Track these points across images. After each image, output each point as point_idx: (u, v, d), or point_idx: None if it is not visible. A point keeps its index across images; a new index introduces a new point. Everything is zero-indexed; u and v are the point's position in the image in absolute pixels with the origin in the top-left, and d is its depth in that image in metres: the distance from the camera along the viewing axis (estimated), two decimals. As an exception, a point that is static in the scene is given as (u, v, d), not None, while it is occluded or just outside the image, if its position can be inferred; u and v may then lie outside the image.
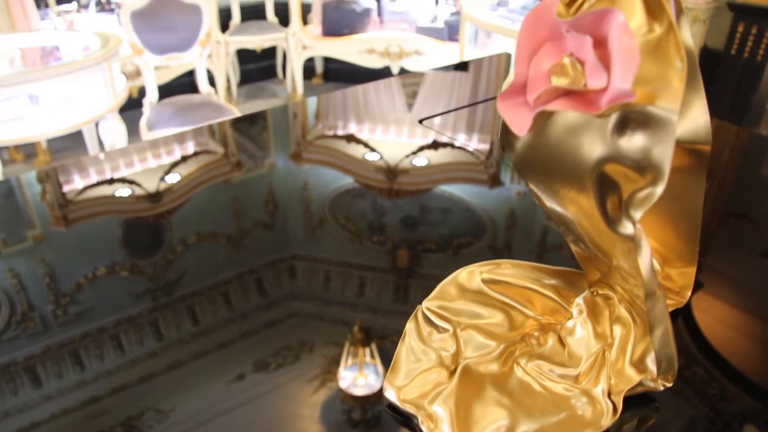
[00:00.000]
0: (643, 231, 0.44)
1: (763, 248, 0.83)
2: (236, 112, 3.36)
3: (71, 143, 4.06)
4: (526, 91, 0.39)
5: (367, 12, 4.58)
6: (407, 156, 1.11)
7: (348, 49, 4.56)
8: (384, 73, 4.60)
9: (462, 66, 1.66)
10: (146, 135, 3.19)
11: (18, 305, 0.71)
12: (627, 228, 0.44)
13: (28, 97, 2.87)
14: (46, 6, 4.93)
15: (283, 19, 4.86)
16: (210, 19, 3.48)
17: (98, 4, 4.87)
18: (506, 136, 0.53)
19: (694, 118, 0.47)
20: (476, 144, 1.18)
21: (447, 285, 0.65)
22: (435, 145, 1.16)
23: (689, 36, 0.43)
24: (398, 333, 0.61)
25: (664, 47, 0.39)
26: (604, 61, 0.36)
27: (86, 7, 4.81)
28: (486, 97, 1.41)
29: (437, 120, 1.28)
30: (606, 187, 0.46)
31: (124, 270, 0.78)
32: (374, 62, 4.55)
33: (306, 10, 4.91)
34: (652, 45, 0.40)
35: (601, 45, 0.36)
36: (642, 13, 0.39)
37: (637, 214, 0.43)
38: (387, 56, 4.49)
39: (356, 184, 1.03)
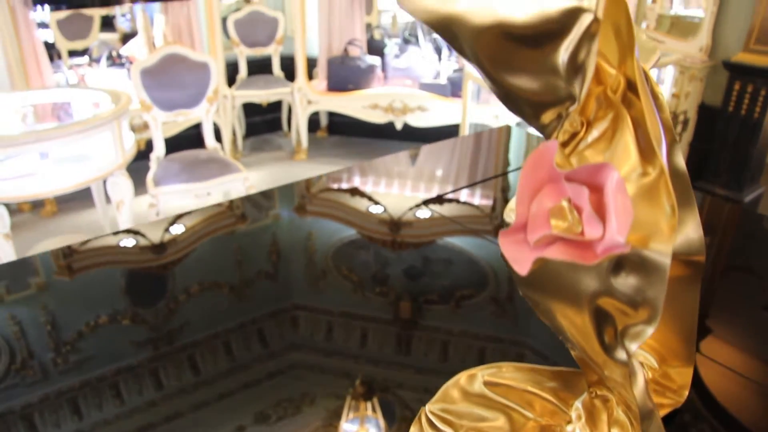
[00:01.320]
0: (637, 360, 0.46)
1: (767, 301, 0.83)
2: (242, 168, 3.39)
3: (78, 194, 4.09)
4: (527, 231, 0.41)
5: (371, 68, 4.68)
6: (411, 209, 1.12)
7: (352, 105, 4.64)
8: (388, 128, 4.67)
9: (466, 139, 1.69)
10: (153, 190, 3.22)
11: (18, 353, 0.70)
12: (622, 355, 0.46)
13: (38, 154, 2.92)
14: (59, 58, 5.05)
15: (289, 73, 4.96)
16: (218, 77, 3.55)
17: (109, 57, 4.99)
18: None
19: (688, 234, 0.50)
20: (479, 199, 1.19)
21: (449, 388, 0.65)
22: (440, 199, 1.17)
23: (682, 160, 0.46)
24: (400, 386, 0.60)
25: (656, 192, 0.41)
26: (600, 210, 0.38)
27: (98, 61, 4.93)
28: (486, 166, 1.43)
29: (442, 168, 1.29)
30: (602, 318, 0.47)
31: (126, 319, 0.78)
32: (378, 117, 4.61)
33: (312, 64, 5.02)
34: (645, 190, 0.42)
35: (597, 192, 0.38)
36: (636, 155, 0.42)
37: (632, 347, 0.45)
38: (391, 112, 4.56)
39: (360, 236, 1.03)
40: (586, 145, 0.48)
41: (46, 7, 4.78)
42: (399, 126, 4.60)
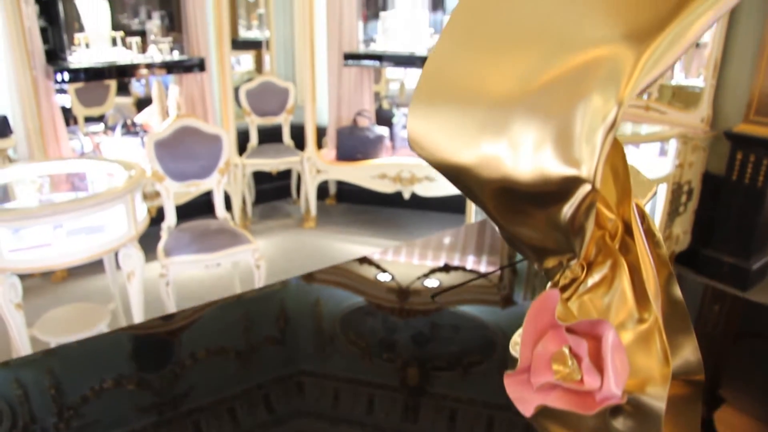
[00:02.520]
0: None
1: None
2: (251, 239, 3.45)
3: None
4: (531, 374, 0.44)
5: (380, 138, 4.78)
6: (419, 278, 1.15)
7: (361, 174, 4.73)
8: (396, 196, 4.74)
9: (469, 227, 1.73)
10: (163, 260, 3.27)
11: (20, 417, 0.72)
12: None
13: (52, 225, 2.98)
14: (75, 123, 5.18)
15: (299, 141, 5.07)
16: (229, 148, 3.64)
17: (124, 125, 5.11)
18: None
19: (686, 358, 0.52)
20: (486, 267, 1.22)
21: None
22: (446, 269, 1.21)
23: (678, 291, 0.48)
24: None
25: (651, 340, 0.44)
26: (599, 361, 0.41)
27: (113, 128, 5.04)
28: (490, 254, 1.46)
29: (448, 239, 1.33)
30: None
31: (131, 384, 0.79)
32: (386, 187, 4.69)
33: (321, 133, 5.12)
34: (641, 337, 0.45)
35: (596, 342, 0.42)
36: (633, 302, 0.45)
37: None
38: (399, 181, 4.64)
39: (368, 303, 1.06)
40: (585, 289, 0.50)
41: (66, 75, 4.92)
42: (407, 195, 4.67)
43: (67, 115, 5.00)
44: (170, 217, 3.54)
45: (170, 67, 4.67)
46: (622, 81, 0.43)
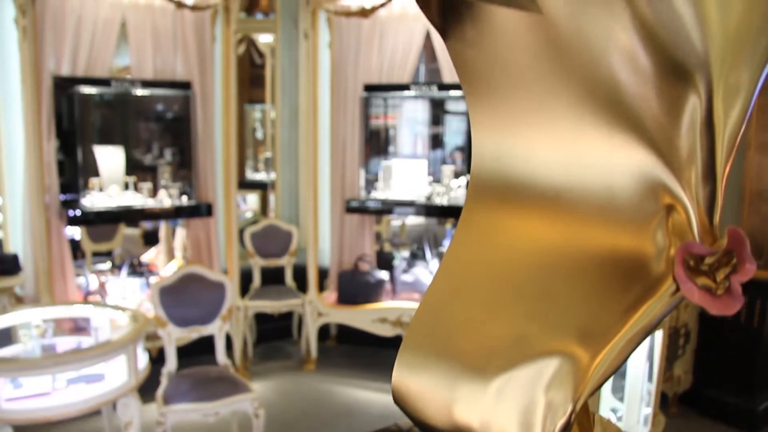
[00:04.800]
0: None
1: None
2: (251, 388, 3.44)
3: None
4: None
5: (380, 283, 4.87)
6: None
7: (361, 318, 4.78)
8: (397, 339, 4.75)
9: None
10: (162, 408, 3.25)
11: None
12: None
13: (52, 375, 3.00)
14: (83, 257, 5.28)
15: (302, 282, 5.15)
16: (232, 295, 3.72)
17: (131, 266, 5.21)
18: None
19: None
20: None
21: None
22: None
23: None
24: None
25: None
26: None
27: (120, 267, 5.14)
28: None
29: None
30: None
31: None
32: (386, 331, 4.73)
33: (323, 275, 5.21)
34: None
35: None
36: None
37: None
38: (399, 326, 4.68)
39: None
40: None
41: (78, 217, 5.09)
42: (407, 339, 4.68)
43: (75, 247, 5.13)
44: (171, 362, 3.56)
45: (179, 212, 4.84)
46: (577, 382, 0.51)
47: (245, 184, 6.74)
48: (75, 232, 5.23)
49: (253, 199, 7.13)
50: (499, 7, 0.58)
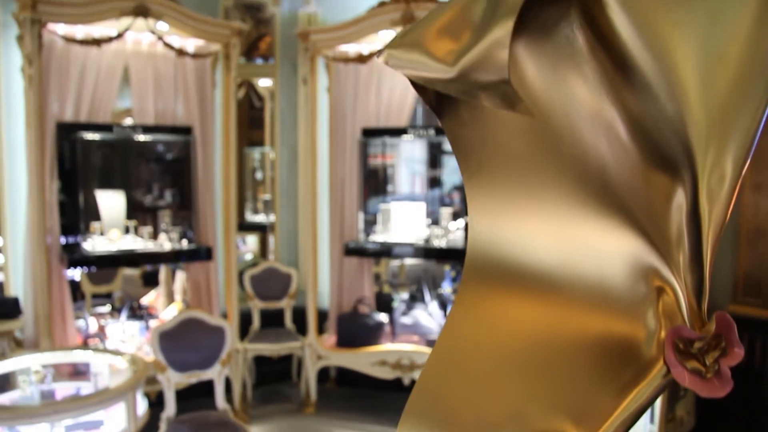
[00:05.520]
0: None
1: None
2: (250, 434, 3.42)
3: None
4: None
5: (380, 325, 4.88)
6: None
7: (361, 361, 4.78)
8: (395, 384, 4.74)
9: None
10: (160, 457, 3.23)
11: None
12: None
13: (50, 423, 2.98)
14: (83, 298, 5.26)
15: (301, 323, 5.14)
16: (232, 339, 3.72)
17: (130, 308, 5.20)
18: None
19: None
20: None
21: None
22: None
23: None
24: None
25: None
26: None
27: (120, 310, 5.13)
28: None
29: None
30: None
31: None
32: (386, 374, 4.72)
33: (323, 317, 5.19)
34: None
35: None
36: None
37: None
38: (398, 369, 4.67)
39: None
40: None
41: (79, 261, 5.10)
42: (407, 382, 4.68)
43: (75, 288, 5.12)
44: (170, 407, 3.54)
45: (179, 256, 4.85)
46: None
47: (245, 226, 6.77)
48: (75, 273, 5.23)
49: (252, 240, 7.15)
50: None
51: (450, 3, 0.59)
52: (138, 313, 5.22)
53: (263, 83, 6.60)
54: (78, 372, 4.09)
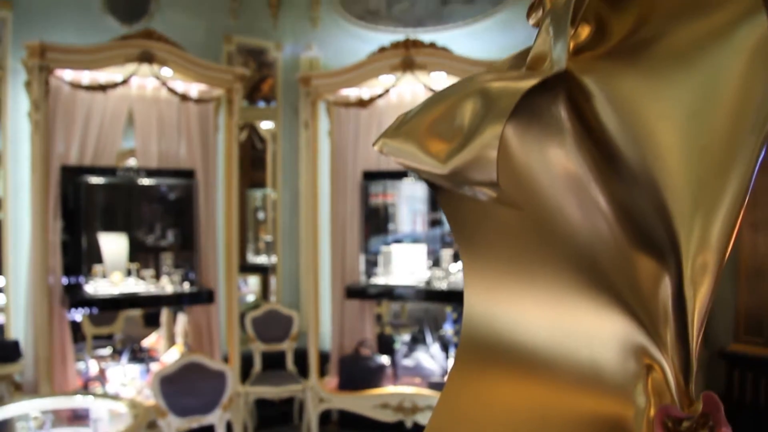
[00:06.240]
0: None
1: None
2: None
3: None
4: None
5: (381, 368, 4.86)
6: None
7: (363, 404, 4.75)
8: (397, 427, 4.70)
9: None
10: (160, 505, 3.19)
11: None
12: None
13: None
14: (83, 340, 5.23)
15: (303, 366, 5.11)
16: (233, 384, 3.71)
17: (132, 351, 5.18)
18: None
19: None
20: None
21: None
22: None
23: None
24: None
25: None
26: None
27: (120, 353, 5.10)
28: None
29: None
30: None
31: None
32: (388, 417, 4.69)
33: (324, 358, 5.18)
34: None
35: None
36: None
37: None
38: (401, 411, 4.64)
39: None
40: None
41: (81, 304, 5.10)
42: (409, 425, 4.64)
43: (76, 329, 5.09)
44: (170, 456, 3.51)
45: (181, 299, 4.86)
46: None
47: (246, 267, 6.77)
48: (77, 314, 5.22)
49: (254, 281, 7.15)
50: None
51: (444, 94, 0.61)
52: (139, 355, 5.19)
53: (265, 125, 6.68)
54: (78, 417, 4.06)
